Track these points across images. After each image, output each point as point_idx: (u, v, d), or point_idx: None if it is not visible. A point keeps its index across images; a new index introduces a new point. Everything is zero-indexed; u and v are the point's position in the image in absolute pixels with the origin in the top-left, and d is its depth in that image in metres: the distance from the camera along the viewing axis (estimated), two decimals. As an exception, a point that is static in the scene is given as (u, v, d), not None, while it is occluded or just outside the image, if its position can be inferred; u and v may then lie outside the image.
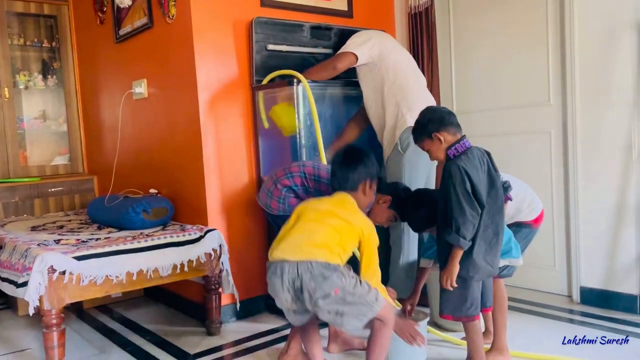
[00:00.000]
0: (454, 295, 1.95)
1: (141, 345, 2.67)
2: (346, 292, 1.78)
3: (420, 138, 2.04)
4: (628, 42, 2.66)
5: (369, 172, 2.00)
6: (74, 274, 2.24)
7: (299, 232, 1.87)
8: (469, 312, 1.96)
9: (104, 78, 3.80)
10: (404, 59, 2.90)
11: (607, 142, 2.76)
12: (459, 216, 1.87)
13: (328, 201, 1.97)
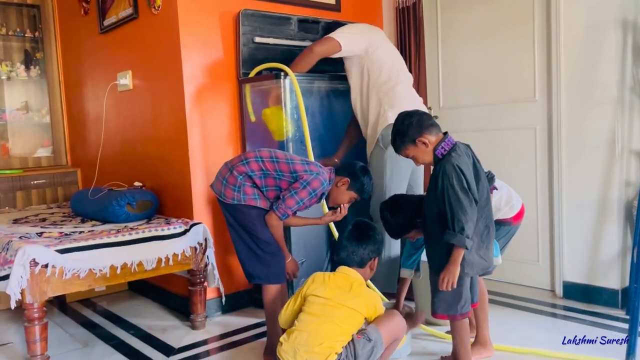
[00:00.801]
0: (448, 294, 1.95)
1: (125, 339, 2.65)
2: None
3: (402, 146, 2.01)
4: (613, 40, 2.69)
5: (377, 249, 2.05)
6: (57, 267, 2.22)
7: (304, 331, 1.84)
8: (462, 310, 1.96)
9: (88, 69, 3.75)
10: (391, 55, 2.88)
11: (591, 138, 2.79)
12: (462, 215, 1.84)
13: (334, 285, 1.93)
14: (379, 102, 2.77)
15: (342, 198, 2.34)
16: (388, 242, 2.78)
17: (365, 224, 2.09)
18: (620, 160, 2.72)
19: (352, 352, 1.79)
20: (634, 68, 2.77)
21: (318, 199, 2.28)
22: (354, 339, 1.81)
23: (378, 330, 1.85)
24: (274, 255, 2.27)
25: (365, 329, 1.86)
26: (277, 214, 2.22)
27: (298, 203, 2.21)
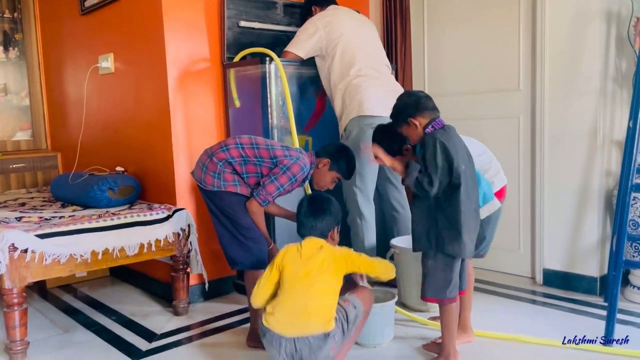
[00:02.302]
0: (438, 278, 1.97)
1: (107, 325, 2.63)
2: (342, 342, 1.90)
3: (397, 124, 2.03)
4: (597, 31, 2.70)
5: (335, 219, 2.02)
6: (37, 252, 2.19)
7: (291, 301, 1.87)
8: (450, 295, 1.98)
9: (69, 51, 3.67)
10: (358, 44, 2.82)
11: (573, 128, 2.81)
12: (433, 171, 1.87)
13: (306, 252, 1.93)
14: (342, 98, 2.80)
15: (325, 179, 2.33)
16: (362, 232, 2.80)
17: (318, 197, 2.07)
18: (601, 150, 2.76)
19: (345, 316, 1.90)
20: (616, 59, 2.79)
21: (300, 184, 2.28)
22: (343, 305, 1.92)
23: (358, 300, 1.98)
24: (256, 241, 2.26)
25: (348, 298, 1.96)
26: (257, 200, 2.20)
27: (278, 189, 2.20)
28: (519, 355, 2.14)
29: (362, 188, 2.78)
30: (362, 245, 2.79)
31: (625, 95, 2.83)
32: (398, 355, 2.20)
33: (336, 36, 2.79)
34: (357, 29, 2.89)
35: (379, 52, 2.96)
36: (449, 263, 1.96)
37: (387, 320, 2.28)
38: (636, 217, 2.61)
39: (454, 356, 2.02)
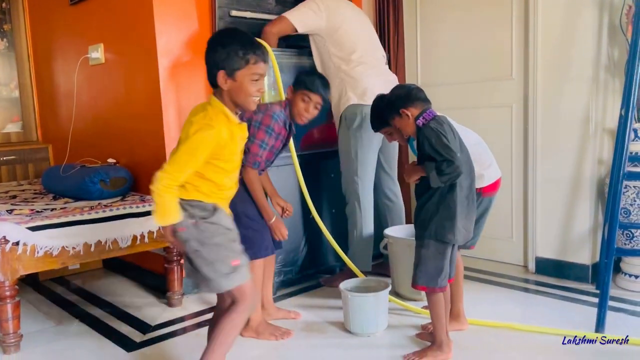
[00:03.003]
0: (430, 266, 1.97)
1: (100, 317, 2.63)
2: (198, 237, 1.66)
3: (390, 116, 2.03)
4: (589, 19, 2.70)
5: (219, 57, 1.63)
6: (28, 244, 2.17)
7: None
8: (442, 283, 1.99)
9: (58, 42, 3.63)
10: (355, 34, 2.81)
11: (566, 116, 2.82)
12: (450, 152, 1.85)
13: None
14: (341, 83, 2.77)
15: (299, 106, 2.25)
16: (360, 222, 2.80)
17: (223, 30, 1.88)
18: (593, 139, 2.77)
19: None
20: (609, 47, 2.79)
21: (284, 134, 2.24)
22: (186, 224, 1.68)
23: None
24: (256, 231, 2.25)
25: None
26: (248, 165, 2.17)
27: (261, 146, 2.18)
28: (512, 343, 2.16)
29: (363, 178, 2.77)
30: (360, 235, 2.80)
31: (617, 83, 2.84)
32: (392, 344, 2.21)
33: (338, 20, 2.77)
34: (357, 18, 2.89)
35: (376, 41, 2.96)
36: (442, 251, 1.97)
37: (380, 310, 2.29)
38: (628, 205, 2.63)
39: (446, 344, 2.03)
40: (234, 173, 1.75)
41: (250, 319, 2.30)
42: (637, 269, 2.69)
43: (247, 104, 1.66)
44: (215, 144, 1.61)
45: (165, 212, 1.62)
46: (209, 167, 1.65)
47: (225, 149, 1.65)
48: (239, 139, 1.71)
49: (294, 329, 2.37)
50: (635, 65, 2.27)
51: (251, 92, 1.65)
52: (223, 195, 1.74)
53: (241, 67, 1.62)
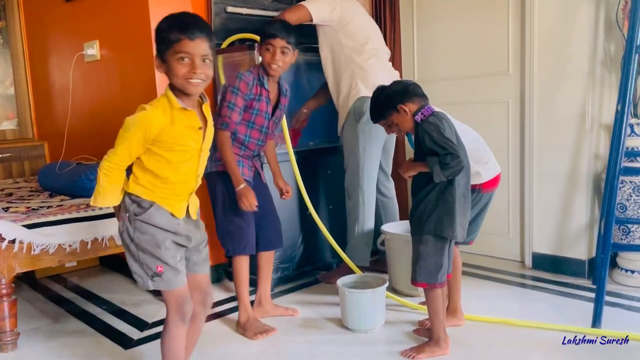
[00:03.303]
0: (430, 262, 1.97)
1: (97, 314, 2.62)
2: (129, 231, 1.59)
3: (387, 112, 2.03)
4: (585, 14, 2.70)
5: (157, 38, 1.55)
6: (25, 242, 2.16)
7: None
8: (441, 279, 1.99)
9: (54, 39, 3.62)
10: (366, 27, 2.84)
11: (562, 111, 2.82)
12: (450, 147, 1.86)
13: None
14: (352, 75, 2.74)
15: (265, 56, 2.21)
16: (362, 217, 2.80)
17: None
18: (590, 134, 2.77)
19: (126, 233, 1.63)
20: (605, 42, 2.79)
21: (259, 93, 2.22)
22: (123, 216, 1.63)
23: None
24: (239, 227, 2.25)
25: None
26: (216, 127, 2.13)
27: (229, 107, 2.17)
28: (509, 338, 2.16)
29: (368, 171, 2.76)
30: (361, 229, 2.80)
31: (614, 78, 2.84)
32: (389, 340, 2.21)
33: (350, 13, 2.78)
34: (366, 15, 2.91)
35: (382, 38, 2.96)
36: (441, 247, 1.97)
37: (378, 306, 2.29)
38: (624, 200, 2.63)
39: (444, 340, 2.03)
40: (183, 167, 1.59)
41: (239, 315, 2.31)
42: (633, 264, 2.70)
43: (184, 87, 1.51)
44: (147, 124, 1.49)
45: (97, 193, 1.59)
46: (150, 156, 1.55)
47: (165, 134, 1.52)
48: (187, 127, 1.56)
49: (292, 326, 2.37)
50: (631, 60, 2.27)
51: (178, 73, 1.50)
52: (171, 191, 1.59)
53: (168, 48, 1.50)
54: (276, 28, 2.21)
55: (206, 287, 1.75)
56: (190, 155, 1.59)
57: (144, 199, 1.57)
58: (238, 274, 2.31)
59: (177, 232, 1.61)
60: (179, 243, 1.62)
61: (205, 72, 1.52)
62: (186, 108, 1.55)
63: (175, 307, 1.63)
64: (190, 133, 1.57)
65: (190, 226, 1.66)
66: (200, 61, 1.51)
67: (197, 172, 1.63)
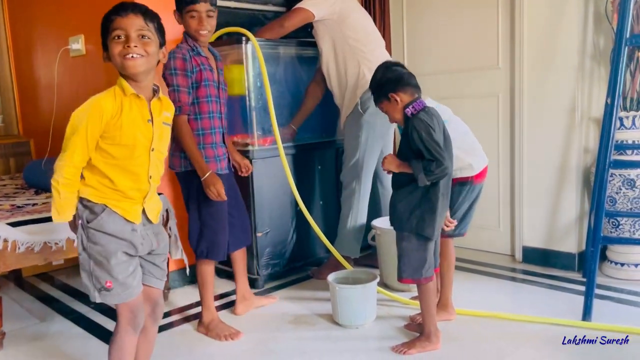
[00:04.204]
0: (414, 258, 1.97)
1: (85, 313, 2.59)
2: (82, 240, 1.52)
3: (377, 99, 2.01)
4: (574, 7, 2.70)
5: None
6: (9, 240, 2.13)
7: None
8: (427, 274, 1.98)
9: (38, 33, 3.55)
10: (366, 19, 2.84)
11: (552, 105, 2.82)
12: (439, 151, 1.84)
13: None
14: (358, 65, 2.72)
15: (191, 25, 2.12)
16: (355, 209, 2.78)
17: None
18: (579, 128, 2.77)
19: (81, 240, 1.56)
20: (594, 36, 2.79)
21: (201, 63, 2.13)
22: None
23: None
24: (214, 232, 2.22)
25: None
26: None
27: (173, 88, 2.07)
28: (500, 332, 2.16)
29: (368, 164, 2.75)
30: (355, 220, 2.78)
31: (603, 72, 2.84)
32: (380, 335, 2.20)
33: (350, 6, 2.76)
34: (363, 10, 2.89)
35: None
36: (423, 244, 1.97)
37: (368, 301, 2.28)
38: (613, 194, 2.64)
39: (435, 335, 2.03)
40: (131, 165, 1.50)
41: (202, 315, 2.29)
42: (623, 257, 2.71)
43: (122, 66, 1.46)
44: (100, 110, 1.43)
45: (60, 207, 1.49)
46: (98, 154, 1.47)
47: (113, 123, 1.45)
48: (135, 117, 1.48)
49: (282, 322, 2.35)
50: (620, 54, 2.27)
51: (114, 52, 1.45)
52: (122, 194, 1.51)
53: (107, 34, 1.47)
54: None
55: (157, 299, 1.68)
56: (139, 152, 1.50)
57: (95, 202, 1.49)
58: (205, 276, 2.27)
59: (131, 240, 1.52)
60: (131, 254, 1.53)
61: (144, 48, 1.46)
62: (139, 95, 1.49)
63: (127, 317, 1.57)
64: (139, 124, 1.49)
65: (148, 232, 1.58)
66: (135, 35, 1.45)
67: (148, 173, 1.54)
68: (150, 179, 1.55)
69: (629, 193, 2.60)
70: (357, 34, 2.73)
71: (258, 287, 2.79)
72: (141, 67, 1.47)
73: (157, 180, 1.59)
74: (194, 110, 2.15)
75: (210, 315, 2.28)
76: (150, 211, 1.58)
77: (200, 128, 2.16)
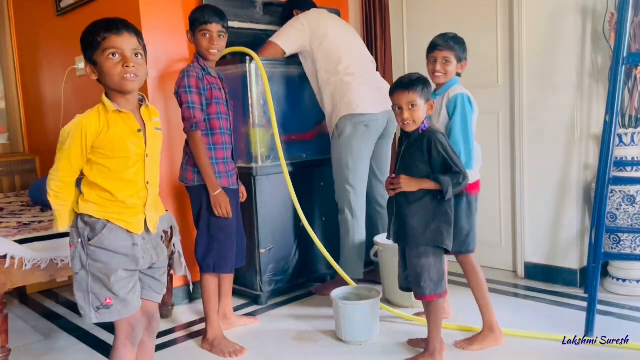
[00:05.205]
0: (434, 273, 1.96)
1: (89, 329, 2.60)
2: (81, 258, 1.53)
3: (421, 93, 1.95)
4: (573, 26, 2.74)
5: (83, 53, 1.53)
6: (16, 258, 2.14)
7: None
8: (445, 287, 2.01)
9: (45, 53, 3.61)
10: (340, 45, 2.81)
11: (552, 122, 2.85)
12: (462, 165, 1.93)
13: None
14: (332, 96, 2.79)
15: (202, 44, 2.21)
16: (352, 231, 2.80)
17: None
18: (579, 144, 2.80)
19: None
20: (593, 54, 2.84)
21: (212, 81, 2.22)
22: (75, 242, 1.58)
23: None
24: (220, 244, 2.24)
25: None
26: (186, 131, 2.18)
27: (189, 107, 2.16)
28: (503, 348, 2.16)
29: (355, 186, 2.78)
30: (353, 243, 2.80)
31: (602, 89, 2.88)
32: (384, 351, 2.21)
33: (321, 34, 2.79)
34: (340, 30, 2.90)
35: (363, 49, 2.97)
36: (439, 256, 1.99)
37: (372, 317, 2.29)
38: (614, 210, 2.66)
39: (439, 352, 2.03)
40: (127, 175, 1.52)
41: (206, 331, 2.30)
42: (624, 273, 2.72)
43: (120, 85, 1.48)
44: (83, 130, 1.46)
45: (56, 218, 1.54)
46: (94, 169, 1.50)
47: (102, 140, 1.47)
48: (125, 130, 1.51)
49: (286, 339, 2.36)
50: (618, 72, 2.31)
51: (112, 72, 1.46)
52: (123, 205, 1.52)
53: (96, 49, 1.47)
54: (209, 14, 2.21)
55: (154, 313, 1.69)
56: (133, 161, 1.53)
57: (97, 218, 1.50)
58: (210, 291, 2.29)
59: (134, 255, 1.53)
60: (132, 269, 1.55)
61: (140, 67, 1.49)
62: (121, 110, 1.51)
63: (126, 332, 1.57)
64: (129, 136, 1.51)
65: (148, 245, 1.59)
66: (132, 54, 1.49)
67: (145, 179, 1.56)
68: (148, 185, 1.57)
69: (629, 209, 2.62)
70: (329, 63, 2.77)
71: (261, 303, 2.80)
72: (138, 86, 1.52)
73: (154, 185, 1.61)
74: (206, 126, 2.21)
75: (215, 331, 2.29)
76: (151, 220, 1.61)
77: (212, 143, 2.22)
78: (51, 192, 1.51)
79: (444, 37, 2.21)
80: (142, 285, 1.62)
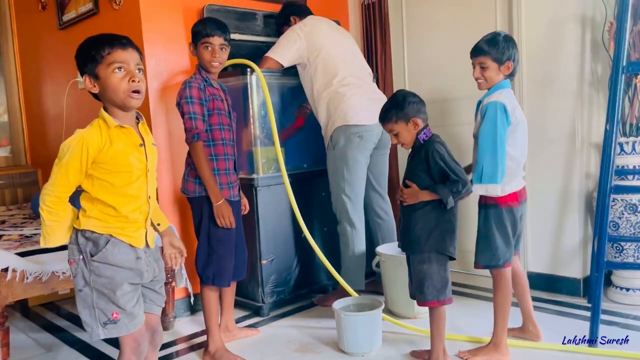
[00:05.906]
0: (436, 280, 1.97)
1: (91, 342, 2.59)
2: (84, 274, 1.51)
3: (396, 119, 1.99)
4: (572, 35, 2.75)
5: (80, 67, 1.54)
6: (18, 270, 2.15)
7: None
8: (450, 294, 2.01)
9: (48, 66, 3.64)
10: (339, 53, 2.83)
11: (552, 131, 2.85)
12: (461, 173, 1.93)
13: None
14: (327, 107, 2.79)
15: (204, 56, 2.23)
16: (352, 242, 2.79)
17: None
18: (580, 153, 2.80)
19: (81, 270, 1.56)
20: (592, 63, 2.84)
21: (213, 93, 2.24)
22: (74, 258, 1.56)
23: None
24: (220, 257, 2.24)
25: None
26: (188, 142, 2.18)
27: (191, 118, 2.17)
28: (506, 359, 2.15)
29: (351, 196, 2.77)
30: (353, 254, 2.79)
31: (602, 98, 2.88)
32: (386, 363, 2.20)
33: (318, 46, 2.80)
34: (338, 39, 2.90)
35: (361, 60, 2.97)
36: (443, 263, 1.99)
37: (374, 328, 2.28)
38: (616, 218, 2.65)
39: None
40: (130, 189, 1.52)
41: (207, 343, 2.29)
42: (627, 282, 2.70)
43: (125, 101, 1.49)
44: (84, 145, 1.46)
45: (45, 234, 1.52)
46: (96, 184, 1.49)
47: (104, 155, 1.48)
48: (127, 145, 1.52)
49: (288, 350, 2.35)
50: (618, 81, 2.32)
51: (116, 87, 1.47)
52: (125, 219, 1.52)
53: (99, 63, 1.47)
54: (212, 27, 2.23)
55: (156, 326, 1.69)
56: (137, 176, 1.53)
57: (100, 233, 1.50)
58: (210, 304, 2.28)
59: (138, 268, 1.54)
60: (137, 283, 1.56)
61: (141, 83, 1.50)
62: (123, 125, 1.52)
63: (132, 347, 1.56)
64: (132, 151, 1.52)
65: (150, 259, 1.60)
66: (136, 70, 1.50)
67: (147, 194, 1.57)
68: (150, 199, 1.59)
69: (631, 218, 2.62)
70: (324, 76, 2.78)
71: (263, 314, 2.79)
72: (140, 103, 1.53)
73: (154, 199, 1.63)
74: (207, 137, 2.22)
75: (216, 344, 2.28)
76: (150, 234, 1.62)
77: (213, 154, 2.23)
78: (45, 207, 1.49)
79: (481, 41, 2.17)
80: (143, 299, 1.62)
